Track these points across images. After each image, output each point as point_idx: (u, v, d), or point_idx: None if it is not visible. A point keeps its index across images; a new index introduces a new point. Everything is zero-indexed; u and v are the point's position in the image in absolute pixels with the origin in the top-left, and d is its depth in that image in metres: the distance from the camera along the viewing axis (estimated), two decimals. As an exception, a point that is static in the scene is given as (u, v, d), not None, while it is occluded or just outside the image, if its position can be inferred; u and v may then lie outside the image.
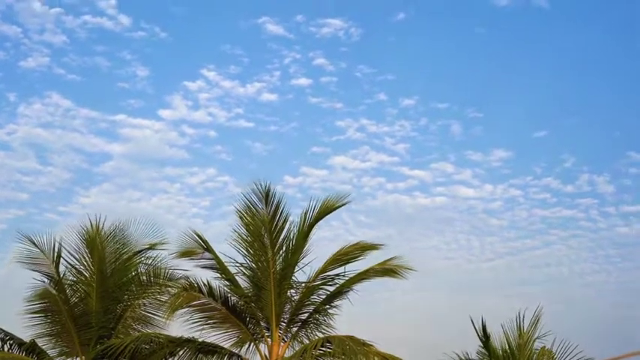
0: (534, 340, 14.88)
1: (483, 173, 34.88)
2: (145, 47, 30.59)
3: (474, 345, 15.04)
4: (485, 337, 14.89)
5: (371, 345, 14.24)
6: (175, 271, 15.64)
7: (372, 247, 15.63)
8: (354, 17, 31.95)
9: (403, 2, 33.25)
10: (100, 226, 15.40)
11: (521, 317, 14.85)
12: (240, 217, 15.29)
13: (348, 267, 15.35)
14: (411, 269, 15.35)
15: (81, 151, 31.76)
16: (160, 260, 15.81)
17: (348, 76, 33.20)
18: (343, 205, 15.28)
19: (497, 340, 14.83)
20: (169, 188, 34.16)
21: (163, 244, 15.71)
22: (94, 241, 15.15)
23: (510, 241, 36.18)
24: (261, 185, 14.84)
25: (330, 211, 15.25)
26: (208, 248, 15.36)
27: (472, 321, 14.88)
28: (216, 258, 15.41)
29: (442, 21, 34.57)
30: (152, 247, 15.73)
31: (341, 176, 33.88)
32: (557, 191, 35.35)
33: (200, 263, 15.51)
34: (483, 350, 15.10)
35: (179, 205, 32.79)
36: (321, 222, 15.34)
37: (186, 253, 15.38)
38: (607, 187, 35.35)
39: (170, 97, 32.25)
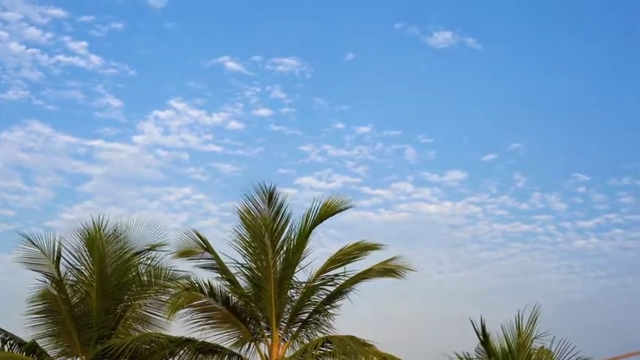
0: (533, 340, 15.02)
1: (441, 192, 37.21)
2: (117, 83, 33.46)
3: (459, 348, 15.27)
4: (484, 337, 15.02)
5: (371, 345, 14.27)
6: (176, 271, 15.64)
7: (373, 247, 15.64)
8: (307, 57, 34.76)
9: (351, 44, 35.97)
10: (101, 226, 15.37)
11: (520, 317, 15.02)
12: (242, 218, 15.28)
13: (349, 267, 15.42)
14: (411, 269, 15.43)
15: (63, 173, 34.16)
16: (161, 260, 15.83)
17: (306, 107, 36.19)
18: (346, 208, 15.34)
19: (496, 340, 15.04)
20: (148, 205, 36.20)
21: (164, 244, 15.70)
22: (94, 241, 15.11)
23: (475, 252, 38.09)
24: (265, 186, 14.89)
25: (333, 214, 15.25)
26: (208, 248, 15.35)
27: (472, 322, 15.05)
28: (216, 258, 15.40)
29: (388, 60, 37.73)
30: (152, 247, 15.70)
31: (310, 195, 36.36)
32: (514, 208, 37.54)
33: (200, 263, 15.47)
34: (482, 349, 15.25)
35: (159, 221, 33.70)
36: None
37: (187, 253, 15.34)
38: (560, 204, 37.50)
39: (143, 125, 34.90)
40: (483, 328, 14.97)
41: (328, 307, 15.40)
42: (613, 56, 38.18)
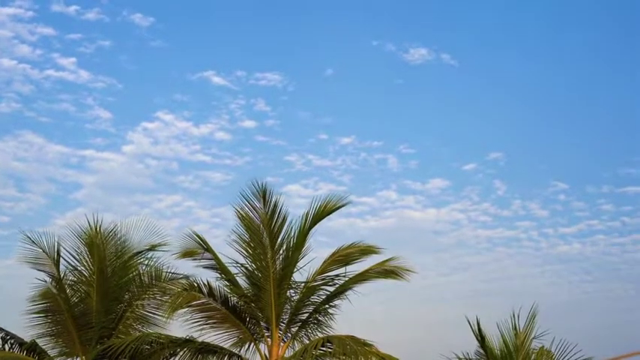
0: (531, 340, 14.99)
1: (425, 199, 38.56)
2: (106, 96, 34.97)
3: (450, 348, 15.37)
4: (480, 338, 15.01)
5: (371, 345, 14.32)
6: (175, 273, 15.64)
7: (372, 249, 15.73)
8: (289, 72, 36.31)
9: (330, 60, 37.76)
10: (99, 226, 15.39)
11: (517, 317, 14.90)
12: (240, 218, 15.29)
13: (349, 267, 15.48)
14: (411, 271, 15.50)
15: (55, 181, 35.59)
16: (160, 260, 15.86)
17: (290, 119, 37.75)
18: (343, 206, 15.40)
19: (495, 340, 15.03)
20: (139, 212, 37.48)
21: (164, 244, 15.72)
22: (93, 241, 15.13)
23: (460, 257, 39.19)
24: (258, 185, 14.90)
25: (331, 212, 15.30)
26: (208, 249, 15.37)
27: (469, 321, 14.98)
28: (216, 258, 15.41)
29: (366, 75, 39.71)
30: (152, 247, 15.72)
31: (298, 201, 37.18)
32: (496, 215, 38.73)
33: (200, 263, 15.49)
34: (481, 350, 15.27)
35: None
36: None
37: (187, 254, 15.37)
38: (541, 212, 38.68)
39: (132, 135, 36.37)
40: (479, 328, 14.96)
41: (328, 307, 15.45)
42: (589, 68, 40.04)
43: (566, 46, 39.72)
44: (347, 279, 15.37)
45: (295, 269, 15.35)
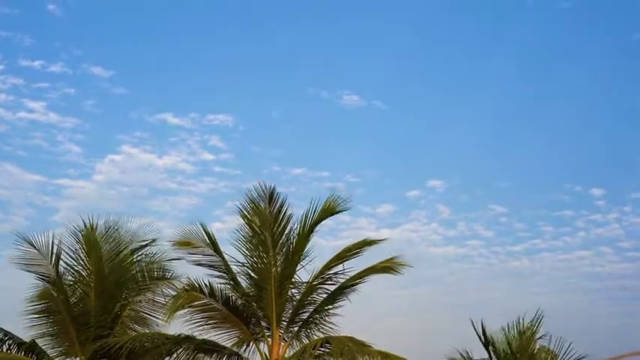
0: (536, 341, 15.05)
1: (377, 221, 41.26)
2: (74, 134, 39.11)
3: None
4: (485, 340, 15.03)
5: (370, 345, 14.19)
6: (174, 266, 15.64)
7: (373, 242, 15.59)
8: (239, 115, 40.71)
9: (275, 104, 42.44)
10: (95, 225, 15.38)
11: (523, 319, 15.13)
12: (243, 217, 15.15)
13: (349, 267, 15.29)
14: (409, 266, 15.40)
15: (35, 206, 39.59)
16: (159, 256, 15.82)
17: (243, 153, 41.73)
18: (344, 210, 15.20)
19: (498, 341, 14.99)
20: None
21: (160, 239, 15.68)
22: (90, 240, 15.09)
23: (420, 271, 41.49)
24: (265, 185, 14.80)
25: (332, 214, 15.10)
26: (212, 242, 15.08)
27: (473, 323, 15.12)
28: (219, 254, 15.15)
29: (308, 118, 43.33)
30: (149, 243, 15.67)
31: None
32: (445, 235, 41.51)
33: (202, 260, 15.29)
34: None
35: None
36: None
37: (186, 244, 15.04)
38: (486, 232, 41.16)
39: (101, 166, 40.76)
40: (484, 330, 15.02)
41: (329, 307, 15.30)
42: (518, 98, 42.81)
43: (493, 77, 42.65)
44: (347, 277, 15.21)
45: (297, 268, 15.22)
